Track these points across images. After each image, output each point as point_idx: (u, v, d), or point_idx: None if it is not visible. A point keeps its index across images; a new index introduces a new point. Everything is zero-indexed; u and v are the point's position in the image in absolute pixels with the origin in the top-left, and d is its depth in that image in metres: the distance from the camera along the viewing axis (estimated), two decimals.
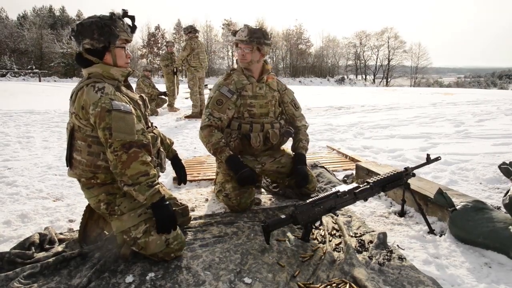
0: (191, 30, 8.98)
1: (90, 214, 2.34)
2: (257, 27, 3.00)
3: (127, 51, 2.21)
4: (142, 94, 2.49)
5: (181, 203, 2.59)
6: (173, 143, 2.73)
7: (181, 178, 2.73)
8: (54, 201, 3.20)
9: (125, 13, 2.16)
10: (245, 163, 2.91)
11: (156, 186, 2.08)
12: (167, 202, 2.13)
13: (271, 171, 3.15)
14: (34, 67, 40.50)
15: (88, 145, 2.12)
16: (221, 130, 2.97)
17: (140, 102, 2.34)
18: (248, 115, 3.02)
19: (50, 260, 2.06)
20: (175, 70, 9.96)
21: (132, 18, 2.19)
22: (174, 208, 2.50)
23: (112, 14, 2.11)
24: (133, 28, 2.20)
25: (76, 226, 2.61)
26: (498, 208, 2.74)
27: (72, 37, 2.13)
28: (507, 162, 2.75)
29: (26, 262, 2.05)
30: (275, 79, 3.22)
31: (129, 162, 2.00)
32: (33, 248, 2.20)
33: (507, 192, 2.37)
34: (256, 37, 2.93)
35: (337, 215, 2.69)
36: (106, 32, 2.06)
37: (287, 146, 3.32)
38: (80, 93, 2.06)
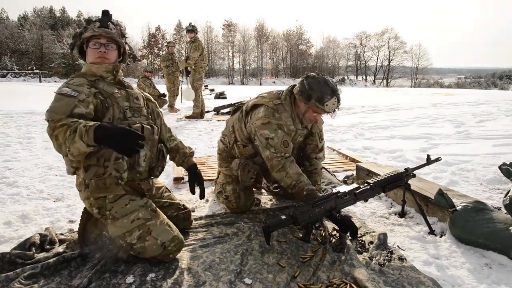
0: (196, 29, 8.87)
1: (88, 215, 2.34)
2: (337, 87, 2.65)
3: (101, 48, 2.22)
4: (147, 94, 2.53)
5: (184, 206, 2.59)
6: (192, 153, 2.62)
7: (191, 189, 2.51)
8: (54, 201, 3.20)
9: (102, 12, 2.30)
10: None
11: (88, 121, 1.86)
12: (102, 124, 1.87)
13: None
14: (34, 68, 40.53)
15: None
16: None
17: (140, 97, 2.42)
18: None
19: (51, 260, 2.06)
20: (188, 70, 9.27)
21: (103, 12, 2.29)
22: (176, 213, 2.51)
23: (85, 19, 2.31)
24: (102, 21, 2.24)
25: (76, 227, 2.61)
26: (499, 208, 2.74)
27: None
28: (508, 162, 2.75)
29: (26, 263, 2.05)
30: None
31: (56, 134, 1.88)
32: (33, 248, 2.20)
33: (508, 192, 2.37)
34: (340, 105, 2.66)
35: (338, 216, 2.69)
36: (75, 36, 2.27)
37: None
38: None
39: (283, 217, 2.27)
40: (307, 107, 2.63)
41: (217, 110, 9.96)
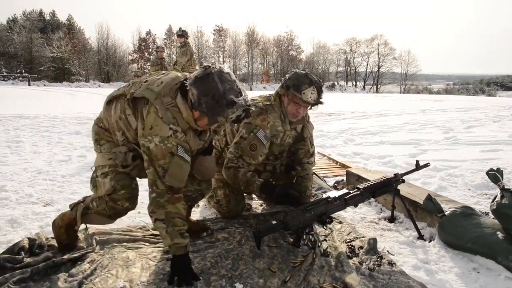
0: (186, 34, 8.85)
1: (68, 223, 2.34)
2: (319, 80, 2.67)
3: None
4: None
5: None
6: None
7: None
8: (44, 206, 3.17)
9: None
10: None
11: (187, 240, 2.01)
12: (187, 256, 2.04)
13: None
14: (23, 71, 40.15)
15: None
16: None
17: None
18: (265, 157, 2.86)
19: (40, 265, 2.05)
20: None
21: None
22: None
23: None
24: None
25: None
26: (486, 213, 2.78)
27: None
28: (495, 168, 2.78)
29: (15, 267, 2.04)
30: (304, 123, 2.94)
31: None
32: (22, 253, 2.18)
33: (495, 198, 2.40)
34: (321, 98, 2.67)
35: (328, 221, 2.71)
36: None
37: None
38: None
39: (274, 222, 2.27)
40: (288, 99, 2.66)
41: None
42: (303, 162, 2.96)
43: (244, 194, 3.07)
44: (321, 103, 2.67)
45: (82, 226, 2.50)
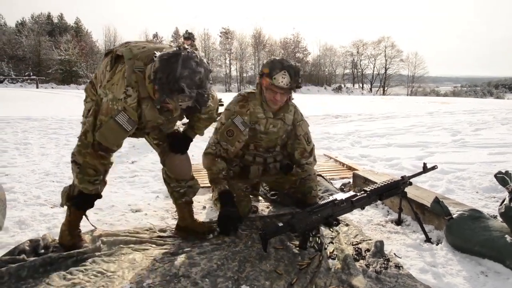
0: (193, 36, 8.87)
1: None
2: (294, 64, 2.67)
3: None
4: None
5: None
6: None
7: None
8: (51, 207, 3.19)
9: None
10: (236, 201, 2.69)
11: (96, 186, 2.24)
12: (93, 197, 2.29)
13: (270, 181, 3.17)
14: (31, 74, 40.46)
15: None
16: (225, 160, 2.82)
17: None
18: (253, 147, 2.95)
19: (37, 262, 2.07)
20: None
21: None
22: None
23: None
24: None
25: None
26: (495, 217, 2.76)
27: None
28: (503, 171, 2.77)
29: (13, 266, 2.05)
30: (293, 111, 2.96)
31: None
32: (23, 255, 2.19)
33: (503, 201, 2.39)
34: (296, 82, 2.66)
35: (334, 223, 2.71)
36: None
37: None
38: None
39: (280, 224, 2.28)
40: (265, 87, 2.71)
41: None
42: (302, 164, 2.99)
43: (251, 196, 3.07)
44: (297, 87, 2.70)
45: (89, 227, 2.52)
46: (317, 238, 2.43)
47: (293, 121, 2.96)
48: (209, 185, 3.65)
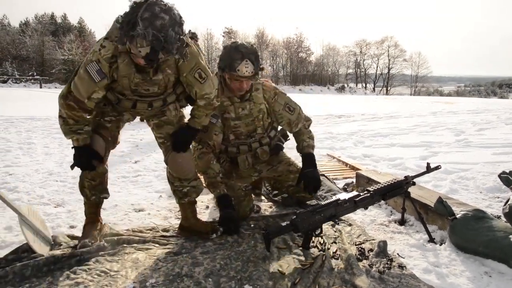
0: (196, 36, 8.86)
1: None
2: (251, 47, 2.64)
3: None
4: None
5: None
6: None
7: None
8: (55, 207, 3.20)
9: None
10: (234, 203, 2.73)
11: (82, 136, 2.30)
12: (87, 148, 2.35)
13: (269, 178, 3.15)
14: (35, 74, 40.64)
15: None
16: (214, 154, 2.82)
17: None
18: (234, 136, 2.90)
19: (41, 261, 2.07)
20: None
21: None
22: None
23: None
24: None
25: (77, 232, 2.62)
26: (498, 217, 2.75)
27: None
28: (507, 171, 2.76)
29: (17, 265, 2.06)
30: (260, 89, 2.89)
31: None
32: (26, 253, 2.20)
33: (507, 201, 2.38)
34: (258, 65, 2.65)
35: (338, 223, 2.71)
36: None
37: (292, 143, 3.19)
38: None
39: (283, 224, 2.28)
40: (228, 78, 2.68)
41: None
42: (295, 131, 3.01)
43: (254, 196, 3.07)
44: (262, 69, 2.67)
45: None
46: (320, 238, 2.43)
47: (267, 100, 2.92)
48: None
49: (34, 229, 2.32)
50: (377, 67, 57.74)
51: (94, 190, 2.53)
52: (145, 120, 2.60)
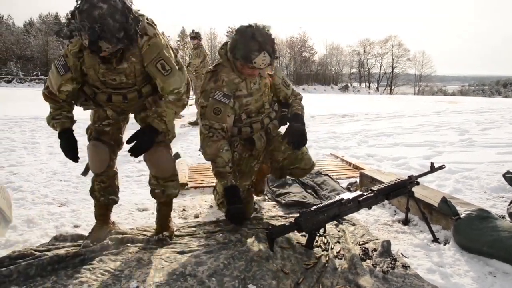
0: (199, 36, 8.87)
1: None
2: (267, 34, 2.46)
3: None
4: None
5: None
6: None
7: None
8: (59, 206, 3.22)
9: None
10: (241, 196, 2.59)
11: (67, 124, 2.46)
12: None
13: (267, 164, 3.07)
14: (39, 74, 40.77)
15: None
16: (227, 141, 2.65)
17: None
18: (245, 116, 2.74)
19: (45, 261, 2.09)
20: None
21: None
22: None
23: None
24: None
25: (81, 232, 2.63)
26: (503, 217, 2.74)
27: None
28: None
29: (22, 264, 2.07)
30: None
31: None
32: (31, 250, 2.22)
33: None
34: (275, 56, 2.50)
35: (341, 223, 2.70)
36: None
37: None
38: None
39: (287, 223, 2.28)
40: (239, 64, 2.53)
41: None
42: (290, 102, 2.91)
43: (254, 196, 3.06)
44: (277, 58, 2.55)
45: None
46: (323, 238, 2.43)
47: (269, 74, 2.81)
48: (214, 185, 3.66)
49: None
50: (380, 66, 57.62)
51: (104, 191, 2.56)
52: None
